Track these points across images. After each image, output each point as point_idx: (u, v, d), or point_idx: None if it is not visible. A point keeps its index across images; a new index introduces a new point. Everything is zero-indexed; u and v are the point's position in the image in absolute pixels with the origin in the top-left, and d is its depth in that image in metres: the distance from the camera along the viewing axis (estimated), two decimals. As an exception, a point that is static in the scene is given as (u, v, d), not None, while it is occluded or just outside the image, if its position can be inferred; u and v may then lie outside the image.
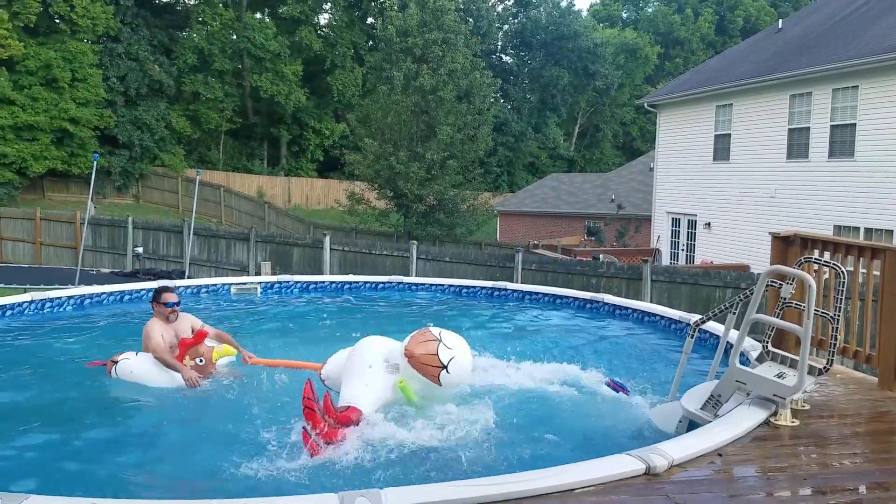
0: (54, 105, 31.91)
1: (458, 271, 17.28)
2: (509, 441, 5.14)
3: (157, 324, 6.44)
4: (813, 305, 4.64)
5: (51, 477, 4.46)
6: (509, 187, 48.21)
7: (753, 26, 56.47)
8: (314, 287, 11.24)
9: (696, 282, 14.59)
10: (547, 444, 5.05)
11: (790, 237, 6.41)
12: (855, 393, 5.56)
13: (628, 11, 66.32)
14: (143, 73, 36.67)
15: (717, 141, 22.44)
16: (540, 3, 53.20)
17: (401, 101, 28.07)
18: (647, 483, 3.72)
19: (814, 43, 20.39)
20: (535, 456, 4.79)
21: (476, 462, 4.68)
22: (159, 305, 6.48)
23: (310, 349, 6.95)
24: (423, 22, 30.52)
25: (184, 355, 6.16)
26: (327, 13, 45.78)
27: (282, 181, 42.84)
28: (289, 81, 40.41)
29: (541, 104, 51.99)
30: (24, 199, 32.53)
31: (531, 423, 5.52)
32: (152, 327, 6.40)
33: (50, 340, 7.82)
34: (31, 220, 24.24)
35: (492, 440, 5.18)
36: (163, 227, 23.08)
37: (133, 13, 37.13)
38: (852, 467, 4.12)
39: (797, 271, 4.97)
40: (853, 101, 17.37)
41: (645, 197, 30.61)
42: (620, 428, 5.41)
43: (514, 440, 5.15)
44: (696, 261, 22.76)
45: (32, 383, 6.36)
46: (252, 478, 4.33)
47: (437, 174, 28.05)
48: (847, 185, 17.54)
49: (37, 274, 20.74)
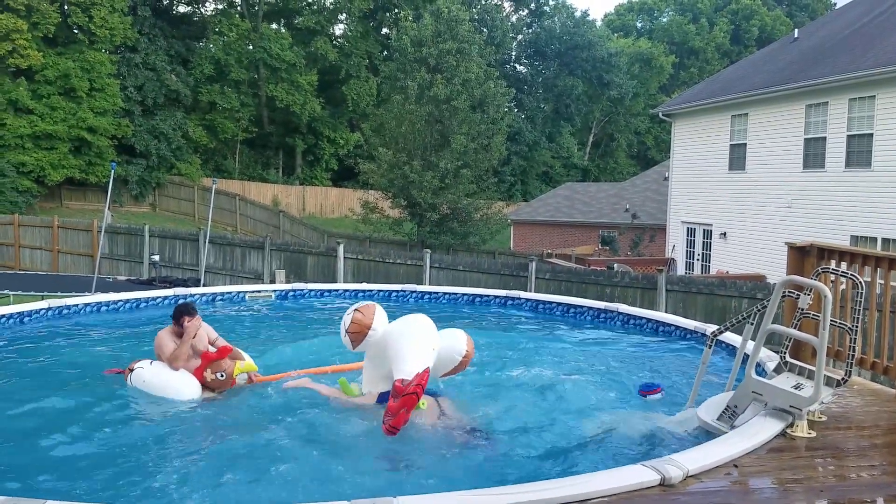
0: (72, 114, 32.28)
1: (472, 280, 17.28)
2: (523, 450, 5.13)
3: (171, 333, 6.29)
4: (829, 316, 4.61)
5: (69, 481, 4.49)
6: (523, 196, 48.20)
7: (769, 36, 56.29)
8: (328, 294, 11.27)
9: (711, 292, 14.51)
10: (561, 454, 5.03)
11: (807, 247, 6.36)
12: (872, 404, 5.51)
13: (643, 21, 66.30)
14: (160, 83, 37.04)
15: (732, 150, 22.35)
16: (554, 13, 53.34)
17: (415, 110, 28.16)
18: (663, 494, 3.70)
19: (830, 52, 20.29)
20: (548, 465, 4.78)
21: (490, 472, 4.68)
22: (186, 324, 6.26)
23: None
24: (438, 32, 30.64)
25: (205, 368, 6.08)
26: (342, 24, 46.09)
27: (296, 190, 43.06)
28: (304, 91, 40.67)
29: (555, 114, 52.01)
30: (43, 207, 32.86)
31: (544, 433, 5.52)
32: (165, 336, 6.26)
33: (66, 347, 7.89)
34: (49, 229, 24.49)
35: (505, 449, 5.18)
36: (179, 236, 23.24)
37: (150, 24, 37.56)
38: (869, 479, 4.08)
39: (813, 282, 4.95)
40: (870, 111, 17.26)
41: (659, 206, 30.51)
42: (636, 437, 5.38)
43: (527, 449, 5.14)
44: (711, 271, 22.63)
45: (46, 390, 6.37)
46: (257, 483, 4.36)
47: (450, 183, 28.11)
48: (864, 195, 17.41)
49: (54, 282, 20.92)
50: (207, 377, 6.05)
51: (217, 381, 6.06)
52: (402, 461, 4.89)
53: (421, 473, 4.71)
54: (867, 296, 5.22)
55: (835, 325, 4.93)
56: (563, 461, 4.87)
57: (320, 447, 5.00)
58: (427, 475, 4.65)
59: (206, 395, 6.07)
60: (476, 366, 7.37)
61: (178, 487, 4.37)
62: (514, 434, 5.56)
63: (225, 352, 6.11)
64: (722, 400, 5.04)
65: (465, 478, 4.53)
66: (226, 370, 6.07)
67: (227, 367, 6.08)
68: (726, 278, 16.76)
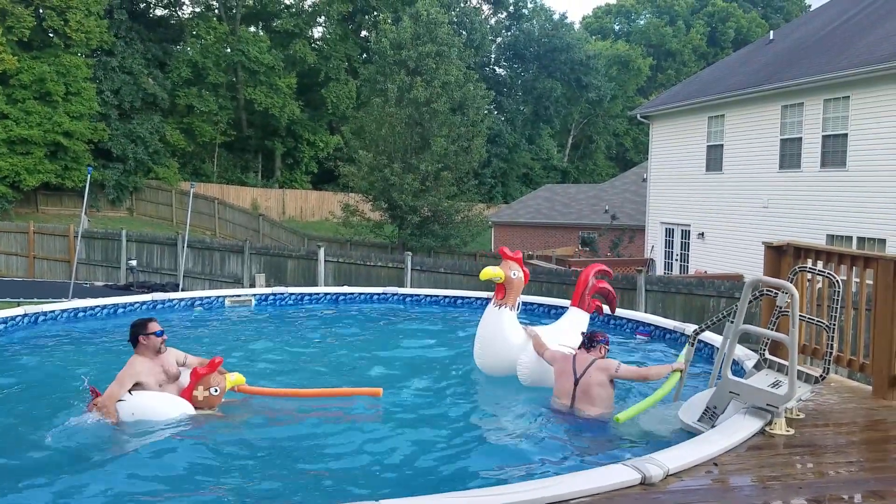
0: (48, 119, 31.88)
1: (453, 282, 17.27)
2: (504, 451, 5.14)
3: (141, 362, 5.68)
4: (797, 314, 4.67)
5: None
6: (503, 198, 48.29)
7: (745, 38, 56.85)
8: (309, 299, 11.22)
9: (690, 291, 14.60)
10: (541, 454, 5.04)
11: (783, 247, 6.43)
12: (849, 402, 5.58)
13: (620, 24, 66.70)
14: (137, 87, 36.70)
15: (709, 152, 22.54)
16: (533, 16, 53.52)
17: (395, 113, 28.14)
18: (643, 493, 3.72)
19: (805, 54, 20.53)
20: (529, 466, 4.79)
21: (470, 473, 4.68)
22: (148, 337, 5.71)
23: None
24: (417, 35, 30.62)
25: (194, 387, 5.68)
26: (321, 26, 45.95)
27: (276, 193, 42.84)
28: (283, 94, 40.48)
29: (534, 116, 52.18)
30: (18, 212, 32.43)
31: (524, 433, 5.53)
32: (129, 365, 5.65)
33: (42, 355, 7.78)
34: (25, 234, 24.17)
35: (486, 450, 5.19)
36: (157, 240, 23.03)
37: (127, 27, 37.22)
38: (847, 476, 4.13)
39: (779, 281, 5.00)
40: (844, 112, 17.48)
41: (638, 207, 30.70)
42: (616, 437, 5.41)
43: (507, 450, 5.15)
44: (689, 271, 22.80)
45: (22, 400, 6.27)
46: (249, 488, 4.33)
47: (431, 186, 28.11)
48: (839, 195, 17.62)
49: (30, 287, 20.66)
50: (199, 396, 5.66)
51: (211, 397, 5.68)
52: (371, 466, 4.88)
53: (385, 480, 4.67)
54: (843, 294, 5.29)
55: (812, 323, 4.98)
56: (542, 462, 4.88)
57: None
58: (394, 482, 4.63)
59: (201, 413, 5.65)
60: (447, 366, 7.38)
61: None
62: (492, 436, 5.57)
63: (214, 364, 5.74)
64: (701, 401, 5.08)
65: (442, 481, 4.53)
66: (219, 385, 5.71)
67: (220, 382, 5.73)
68: (705, 278, 16.88)
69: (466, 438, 5.39)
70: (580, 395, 5.80)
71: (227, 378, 5.81)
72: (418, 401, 6.32)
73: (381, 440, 5.23)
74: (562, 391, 5.91)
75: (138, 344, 5.74)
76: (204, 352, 6.82)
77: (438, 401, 6.38)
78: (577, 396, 5.81)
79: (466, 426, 5.73)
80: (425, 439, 5.29)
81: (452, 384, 6.88)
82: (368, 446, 5.08)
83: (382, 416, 5.82)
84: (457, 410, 6.12)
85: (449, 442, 5.29)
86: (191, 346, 6.73)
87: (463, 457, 5.03)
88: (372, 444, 5.14)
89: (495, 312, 6.61)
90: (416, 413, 5.98)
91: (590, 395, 5.75)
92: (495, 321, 6.60)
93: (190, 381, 5.72)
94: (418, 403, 6.25)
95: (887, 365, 5.48)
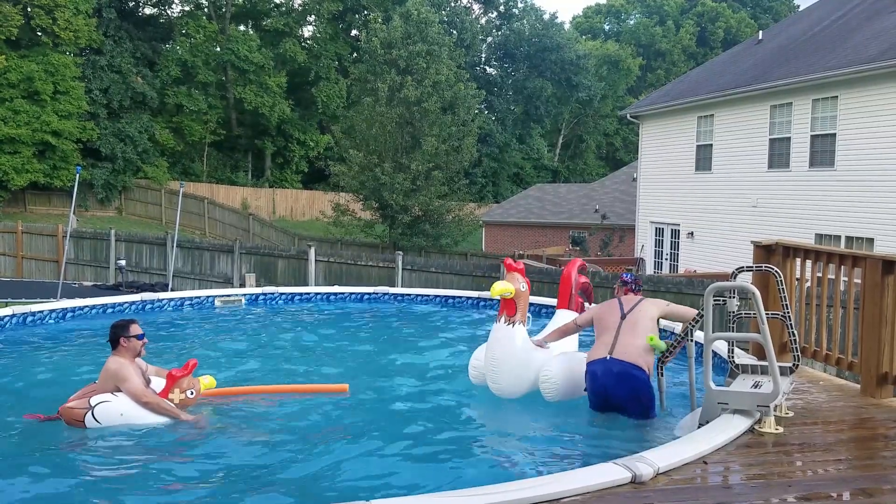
0: (36, 118, 31.68)
1: (444, 282, 17.27)
2: (493, 450, 5.14)
3: (127, 362, 5.64)
4: (763, 312, 4.70)
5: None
6: (494, 198, 48.33)
7: (734, 38, 57.10)
8: (299, 299, 11.20)
9: (679, 290, 14.63)
10: (531, 453, 5.05)
11: (772, 246, 6.46)
12: (838, 400, 5.60)
13: (610, 24, 66.85)
14: (126, 86, 36.52)
15: (699, 151, 22.61)
16: (523, 16, 53.54)
17: (385, 112, 28.10)
18: (634, 492, 3.73)
19: (794, 54, 20.62)
20: (519, 465, 4.79)
21: (460, 473, 4.68)
22: (129, 340, 5.66)
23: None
24: (408, 34, 30.60)
25: (170, 390, 5.66)
26: (311, 25, 45.84)
27: (266, 193, 42.72)
28: (273, 93, 40.37)
29: (525, 115, 52.24)
30: (6, 212, 32.23)
31: (514, 432, 5.53)
32: (124, 366, 5.58)
33: (31, 356, 7.74)
34: (13, 234, 23.99)
35: (477, 449, 5.19)
36: (146, 240, 22.91)
37: (116, 26, 37.01)
38: (836, 474, 4.15)
39: (735, 283, 5.01)
40: (833, 112, 17.57)
41: (628, 207, 30.78)
42: (607, 436, 5.42)
43: (497, 450, 5.15)
44: (679, 270, 22.87)
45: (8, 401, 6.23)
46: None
47: (422, 185, 28.09)
48: (828, 194, 17.71)
49: (18, 287, 20.52)
50: (175, 399, 5.64)
51: (187, 399, 5.69)
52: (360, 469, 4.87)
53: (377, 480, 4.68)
54: (809, 290, 5.32)
55: (767, 317, 4.96)
56: (532, 461, 4.88)
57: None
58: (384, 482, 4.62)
59: (186, 416, 5.65)
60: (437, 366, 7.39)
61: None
62: (482, 434, 5.58)
63: (189, 367, 5.73)
64: (693, 421, 5.08)
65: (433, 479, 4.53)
66: (194, 387, 5.73)
67: (194, 385, 5.75)
68: (694, 277, 16.93)
69: (455, 438, 5.38)
70: (626, 327, 5.74)
71: (201, 380, 5.88)
72: (408, 400, 6.31)
73: (370, 441, 5.20)
74: (604, 329, 5.87)
75: (118, 346, 5.69)
76: (188, 353, 6.83)
77: (428, 400, 6.37)
78: (621, 330, 5.74)
79: (455, 425, 5.73)
80: (413, 439, 5.28)
81: (441, 384, 6.88)
82: (353, 448, 5.05)
83: (370, 417, 5.82)
84: (446, 410, 6.12)
85: (438, 441, 5.28)
86: (175, 346, 6.72)
87: (452, 457, 5.03)
88: (358, 444, 5.11)
89: (507, 330, 6.12)
90: (406, 413, 5.97)
91: (636, 328, 5.72)
92: (510, 340, 6.08)
93: (166, 384, 5.72)
94: (408, 403, 6.24)
95: (875, 363, 5.52)
